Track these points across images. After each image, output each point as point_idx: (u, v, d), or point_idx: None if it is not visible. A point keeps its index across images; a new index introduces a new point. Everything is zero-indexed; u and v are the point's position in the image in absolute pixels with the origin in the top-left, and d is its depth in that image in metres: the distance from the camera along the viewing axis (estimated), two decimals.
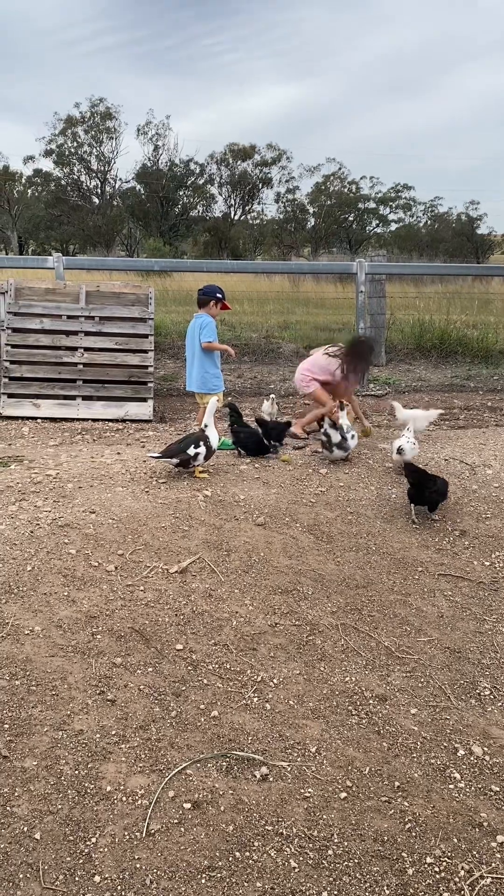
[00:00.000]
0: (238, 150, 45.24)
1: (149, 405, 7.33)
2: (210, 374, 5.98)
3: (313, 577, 3.99)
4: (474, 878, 2.31)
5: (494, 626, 3.69)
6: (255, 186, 46.09)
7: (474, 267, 19.34)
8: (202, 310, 6.01)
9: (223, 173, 45.66)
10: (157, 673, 3.15)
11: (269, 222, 47.58)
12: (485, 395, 9.07)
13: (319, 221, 47.03)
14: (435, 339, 11.75)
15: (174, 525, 4.31)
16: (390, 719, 3.00)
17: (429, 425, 6.19)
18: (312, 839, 2.41)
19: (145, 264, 11.47)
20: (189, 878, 2.25)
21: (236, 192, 46.06)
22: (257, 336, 12.06)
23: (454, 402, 8.59)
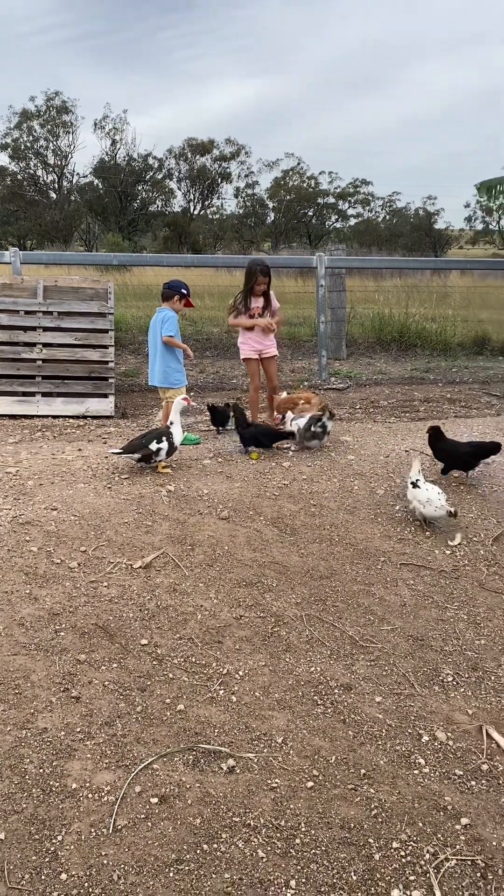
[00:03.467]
0: (196, 145, 45.02)
1: (110, 401, 7.26)
2: (172, 369, 5.95)
3: (277, 569, 4.00)
4: (439, 861, 2.34)
5: (456, 614, 3.75)
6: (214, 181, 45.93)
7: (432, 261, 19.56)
8: (165, 304, 5.97)
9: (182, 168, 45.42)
10: (122, 668, 3.13)
11: (228, 217, 47.47)
12: (444, 387, 9.18)
13: (279, 216, 47.09)
14: (395, 333, 11.86)
15: (137, 520, 4.28)
16: (355, 708, 3.02)
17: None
18: (280, 829, 2.42)
19: (104, 258, 11.32)
20: (156, 872, 2.24)
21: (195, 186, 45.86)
22: (219, 331, 12.03)
23: (414, 394, 8.68)
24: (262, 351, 6.39)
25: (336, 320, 10.59)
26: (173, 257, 12.15)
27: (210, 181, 45.69)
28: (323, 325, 9.42)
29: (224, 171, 46.10)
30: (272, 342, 6.45)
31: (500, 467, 5.57)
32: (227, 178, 46.32)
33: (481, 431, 6.62)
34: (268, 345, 6.41)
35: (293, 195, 47.25)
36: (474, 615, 3.74)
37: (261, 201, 47.90)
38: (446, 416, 7.53)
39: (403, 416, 7.53)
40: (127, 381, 8.86)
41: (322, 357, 9.42)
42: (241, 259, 11.09)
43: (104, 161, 42.50)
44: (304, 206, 48.19)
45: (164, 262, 10.77)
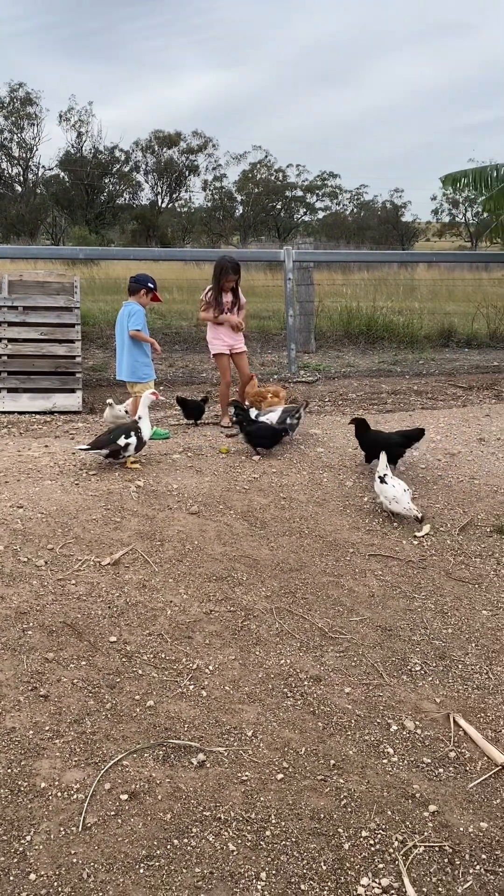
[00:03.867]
0: (163, 138, 44.73)
1: (77, 396, 7.20)
2: (140, 363, 5.91)
3: (247, 562, 4.01)
4: (408, 848, 2.37)
5: (423, 603, 3.78)
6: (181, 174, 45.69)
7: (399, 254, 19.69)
8: (132, 298, 5.93)
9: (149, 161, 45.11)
10: (91, 666, 3.11)
11: (197, 210, 47.29)
12: (411, 380, 9.25)
13: (247, 209, 47.01)
14: (362, 326, 11.92)
15: (106, 517, 4.25)
16: (325, 699, 3.04)
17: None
18: (250, 821, 2.43)
19: (70, 252, 11.23)
20: (127, 868, 2.23)
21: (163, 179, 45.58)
22: (188, 325, 11.98)
23: (382, 386, 8.74)
24: (232, 346, 6.39)
25: (304, 314, 10.61)
26: (140, 251, 12.07)
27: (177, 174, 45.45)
28: (291, 319, 9.43)
29: (192, 164, 45.90)
30: (241, 337, 6.45)
31: (464, 458, 5.64)
32: (195, 170, 46.14)
33: (447, 423, 6.69)
34: (238, 340, 6.42)
35: (261, 188, 47.20)
36: (441, 604, 3.78)
37: (229, 194, 47.78)
38: (413, 407, 7.59)
39: (371, 408, 7.57)
40: (95, 376, 8.79)
41: (291, 350, 9.44)
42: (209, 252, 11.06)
43: (70, 153, 42.03)
44: (273, 199, 48.17)
45: (132, 255, 10.69)
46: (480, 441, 6.09)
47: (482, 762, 2.77)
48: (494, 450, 5.87)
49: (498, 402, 7.93)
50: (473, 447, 5.92)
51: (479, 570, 4.12)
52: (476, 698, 3.12)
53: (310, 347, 10.85)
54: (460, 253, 24.31)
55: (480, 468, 5.43)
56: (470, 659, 3.37)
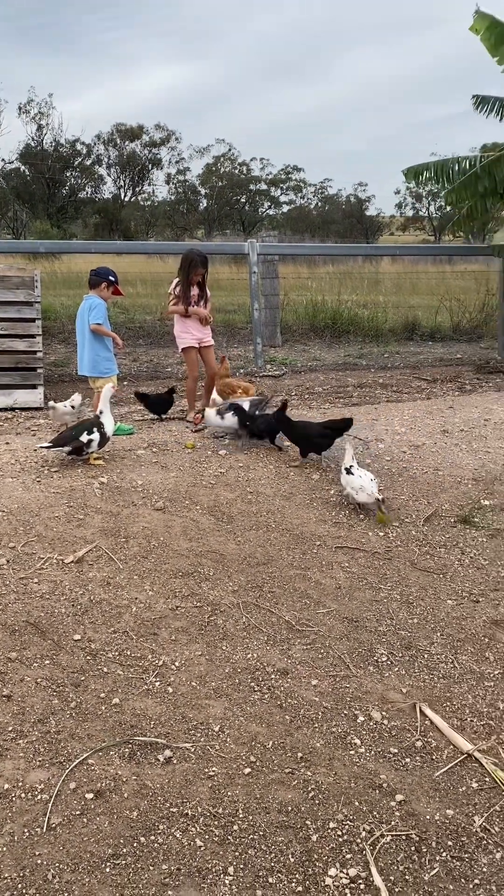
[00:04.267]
0: (125, 131, 44.29)
1: (39, 392, 7.09)
2: (102, 357, 5.84)
3: (214, 557, 3.99)
4: (375, 838, 2.38)
5: (389, 594, 3.81)
6: (144, 167, 45.31)
7: (363, 247, 19.77)
8: (93, 291, 5.85)
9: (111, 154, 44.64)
10: (55, 665, 3.07)
11: (160, 204, 46.97)
12: (376, 373, 9.31)
13: (211, 203, 46.82)
14: (328, 319, 11.96)
15: (69, 514, 4.20)
16: (292, 692, 3.04)
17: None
18: (218, 816, 2.42)
19: (30, 246, 11.03)
20: (93, 868, 2.21)
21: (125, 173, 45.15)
22: (152, 318, 11.90)
23: (348, 380, 8.78)
24: (201, 340, 6.35)
25: (270, 307, 10.61)
26: (102, 244, 11.95)
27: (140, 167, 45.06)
28: (257, 313, 9.41)
29: (154, 157, 45.54)
30: (209, 331, 6.42)
31: (429, 450, 5.69)
32: (158, 164, 45.79)
33: (412, 415, 6.74)
34: (206, 333, 6.38)
35: (225, 181, 47.05)
36: (407, 595, 3.81)
37: (193, 188, 47.56)
38: (379, 400, 7.63)
39: (338, 401, 7.60)
40: (56, 371, 8.68)
41: (257, 344, 9.43)
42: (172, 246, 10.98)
43: (30, 146, 41.37)
44: (237, 192, 48.06)
45: (93, 248, 10.57)
46: (444, 433, 6.15)
47: (448, 751, 2.79)
48: (458, 441, 5.93)
49: (461, 394, 8.02)
50: (437, 439, 5.97)
51: (443, 560, 4.16)
52: (442, 687, 3.14)
53: (276, 341, 10.85)
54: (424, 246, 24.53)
55: (444, 459, 5.48)
56: (435, 648, 3.40)
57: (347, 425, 5.27)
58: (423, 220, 51.95)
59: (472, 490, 4.96)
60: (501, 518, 4.61)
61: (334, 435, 5.21)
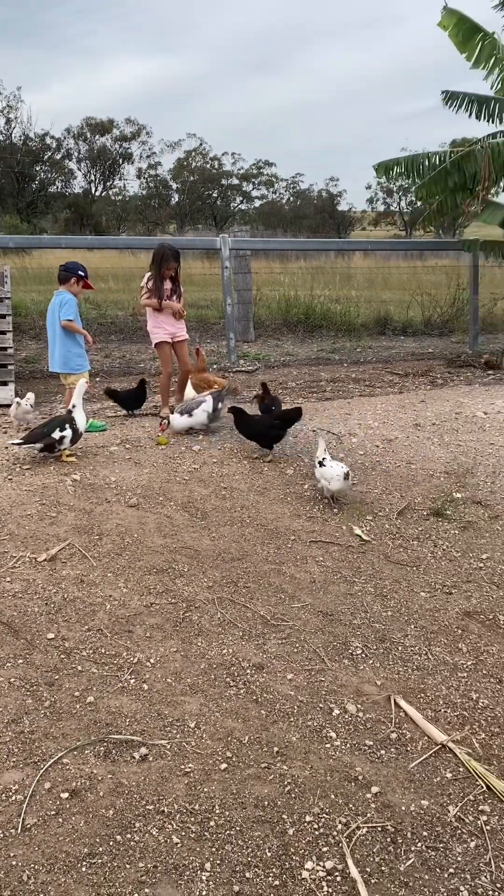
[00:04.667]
0: (96, 125, 43.88)
1: (10, 389, 7.01)
2: (73, 354, 5.79)
3: (189, 553, 3.98)
4: (351, 830, 2.39)
5: (364, 587, 3.82)
6: (115, 162, 44.94)
7: (335, 242, 19.82)
8: (63, 286, 5.79)
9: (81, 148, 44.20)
10: (28, 664, 3.04)
11: (132, 198, 46.63)
12: (349, 368, 9.34)
13: (183, 197, 46.60)
14: (301, 314, 11.98)
15: (41, 512, 4.16)
16: (268, 687, 3.04)
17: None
18: (194, 813, 2.41)
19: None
20: (68, 868, 2.19)
21: (96, 167, 44.75)
22: (124, 314, 11.82)
23: (321, 374, 8.80)
24: (174, 334, 6.32)
25: (243, 302, 10.59)
26: (73, 239, 11.83)
27: (111, 162, 44.69)
28: (230, 308, 9.39)
29: (125, 152, 45.19)
30: (183, 325, 6.39)
31: (401, 444, 5.73)
32: (129, 158, 45.45)
33: (384, 409, 6.78)
34: (179, 328, 6.35)
35: (196, 176, 46.84)
36: (381, 588, 3.83)
37: (164, 182, 47.28)
38: (351, 395, 7.67)
39: (311, 396, 7.62)
40: (28, 368, 8.59)
41: (230, 339, 9.41)
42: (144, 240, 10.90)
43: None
44: (209, 187, 47.87)
45: (63, 243, 10.46)
46: (416, 427, 6.19)
47: (423, 742, 2.81)
48: (430, 435, 5.98)
49: (433, 388, 8.08)
50: (410, 433, 6.02)
51: (416, 553, 4.19)
52: (416, 679, 3.17)
53: (249, 336, 10.84)
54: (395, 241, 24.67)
55: (417, 453, 5.52)
56: (409, 641, 3.43)
57: (297, 415, 5.29)
58: (395, 215, 52.19)
59: (445, 483, 5.01)
60: (473, 511, 4.66)
61: (285, 426, 5.23)
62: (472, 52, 9.20)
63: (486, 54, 9.15)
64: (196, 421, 5.62)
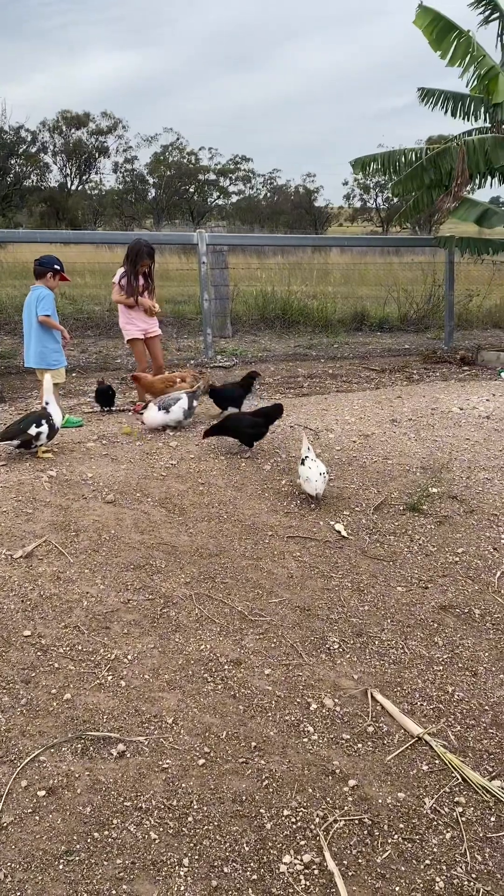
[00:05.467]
0: (71, 118, 43.48)
1: None
2: (49, 349, 5.74)
3: (166, 549, 3.97)
4: (328, 824, 2.41)
5: (341, 582, 3.84)
6: (91, 156, 44.58)
7: (311, 238, 19.85)
8: (39, 281, 5.75)
9: (57, 142, 43.77)
10: (4, 662, 3.01)
11: (108, 193, 46.30)
12: (326, 363, 9.37)
13: (160, 192, 46.36)
14: (278, 310, 11.99)
15: (17, 508, 4.12)
16: (245, 682, 3.05)
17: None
18: (172, 809, 2.41)
19: None
20: (46, 865, 2.18)
21: (72, 161, 44.36)
22: (100, 309, 11.75)
23: (298, 370, 8.82)
24: (146, 330, 6.29)
25: (220, 298, 10.57)
26: (49, 233, 11.72)
27: (87, 155, 44.33)
28: (207, 303, 9.38)
29: (101, 146, 44.85)
30: (155, 321, 6.37)
31: (378, 439, 5.76)
32: (105, 152, 45.12)
33: (361, 405, 6.81)
34: (152, 324, 6.33)
35: (173, 171, 46.61)
36: (358, 582, 3.85)
37: (141, 177, 47.01)
38: (328, 390, 7.69)
39: (288, 392, 7.63)
40: (3, 364, 8.51)
41: (207, 335, 9.39)
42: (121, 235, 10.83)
43: None
44: (186, 182, 47.67)
45: (38, 238, 10.37)
46: (393, 422, 6.23)
47: (399, 735, 2.84)
48: (406, 430, 6.01)
49: (409, 384, 8.13)
50: (386, 428, 6.05)
51: (393, 548, 4.22)
52: (392, 673, 3.19)
53: (226, 332, 10.83)
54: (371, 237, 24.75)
55: (393, 448, 5.55)
56: (386, 635, 3.45)
57: (278, 412, 5.30)
58: (371, 211, 52.37)
59: (421, 478, 5.04)
60: (449, 505, 4.70)
61: (267, 422, 5.24)
62: (446, 50, 9.24)
63: (461, 52, 9.20)
64: (172, 418, 5.60)
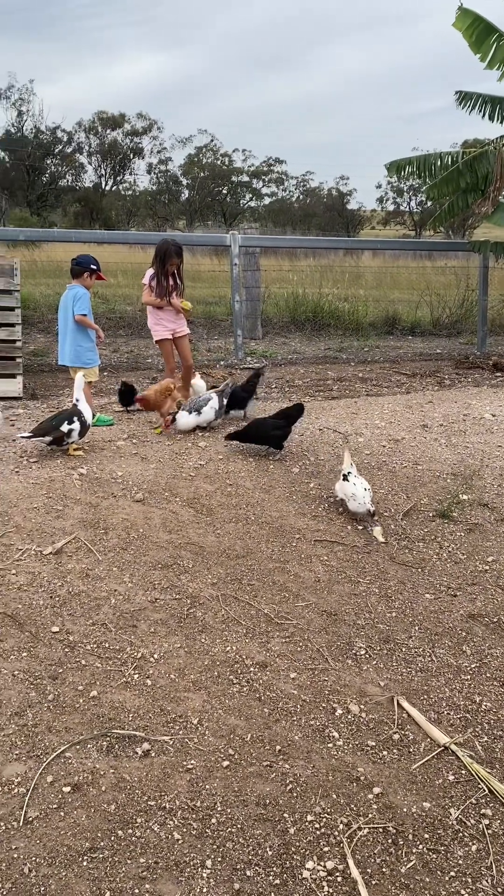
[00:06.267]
0: (107, 119, 43.94)
1: (18, 381, 7.02)
2: (84, 348, 5.79)
3: (193, 550, 3.97)
4: (352, 831, 2.39)
5: (368, 588, 3.82)
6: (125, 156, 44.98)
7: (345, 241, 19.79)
8: (76, 280, 5.80)
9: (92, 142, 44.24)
10: (32, 657, 3.04)
11: (142, 193, 46.66)
12: (356, 367, 9.32)
13: (193, 193, 46.60)
14: (309, 313, 11.95)
15: (47, 505, 4.16)
16: (271, 685, 3.04)
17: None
18: (195, 810, 2.41)
19: (10, 234, 10.92)
20: (70, 861, 2.19)
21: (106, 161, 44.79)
22: (132, 309, 11.82)
23: (328, 373, 8.78)
24: (175, 330, 6.31)
25: (251, 299, 10.58)
26: (83, 233, 11.82)
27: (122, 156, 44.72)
28: (238, 305, 9.38)
29: (136, 147, 45.24)
30: (184, 321, 6.38)
31: (408, 444, 5.71)
32: (140, 153, 45.50)
33: (391, 410, 6.77)
34: (181, 324, 6.34)
35: (207, 172, 46.82)
36: (386, 589, 3.82)
37: (174, 178, 47.30)
38: (358, 394, 7.65)
39: (318, 394, 7.61)
40: (36, 361, 8.60)
41: (238, 336, 9.40)
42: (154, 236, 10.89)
43: (10, 133, 40.89)
44: (219, 183, 47.85)
45: (73, 237, 10.46)
46: (423, 427, 6.18)
47: (425, 743, 2.81)
48: (437, 436, 5.96)
49: (441, 388, 8.06)
50: (417, 433, 6.00)
51: (422, 555, 4.18)
52: (419, 681, 3.16)
53: (256, 334, 10.83)
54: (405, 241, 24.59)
55: (423, 454, 5.51)
56: (413, 642, 3.42)
57: (299, 412, 5.29)
58: (404, 214, 52.10)
59: (451, 485, 4.99)
60: (479, 513, 4.65)
61: (289, 423, 5.23)
62: (486, 52, 9.15)
63: (501, 55, 9.10)
64: (204, 419, 5.62)
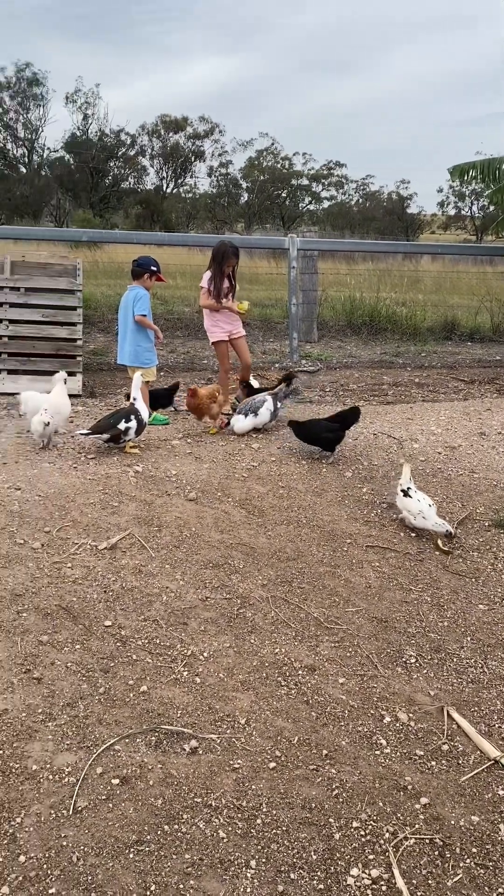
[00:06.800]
0: (170, 122, 44.45)
1: (78, 380, 7.16)
2: (143, 348, 5.88)
3: (244, 550, 3.99)
4: (398, 840, 2.36)
5: (420, 596, 3.77)
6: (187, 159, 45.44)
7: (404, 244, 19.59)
8: (136, 282, 5.89)
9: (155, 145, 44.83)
10: (85, 650, 3.10)
11: (202, 196, 47.05)
12: (412, 372, 9.22)
13: (253, 197, 46.77)
14: (365, 317, 11.86)
15: (103, 501, 4.23)
16: (319, 689, 3.03)
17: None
18: (241, 809, 2.42)
19: (73, 234, 11.15)
20: (117, 853, 2.23)
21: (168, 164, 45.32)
22: (190, 310, 11.92)
23: (383, 378, 8.71)
24: (231, 332, 6.35)
25: (308, 302, 10.55)
26: (144, 235, 11.99)
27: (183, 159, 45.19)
28: (294, 308, 9.38)
29: (198, 150, 45.64)
30: (239, 322, 6.41)
31: (464, 452, 5.62)
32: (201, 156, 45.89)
33: (448, 416, 6.67)
34: (236, 325, 6.37)
35: (267, 175, 46.94)
36: (438, 597, 3.77)
37: (234, 181, 47.56)
38: (414, 400, 7.56)
39: (372, 399, 7.55)
40: (95, 360, 8.75)
41: (293, 339, 9.40)
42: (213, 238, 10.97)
43: (76, 136, 41.75)
44: (278, 186, 47.91)
45: (135, 239, 10.62)
46: (481, 435, 6.07)
47: (475, 756, 2.76)
48: (495, 444, 5.85)
49: (499, 396, 7.90)
50: (474, 441, 5.90)
51: (476, 564, 4.11)
52: (470, 692, 3.11)
53: (312, 337, 10.80)
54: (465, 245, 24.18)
55: (480, 462, 5.41)
56: (465, 653, 3.37)
57: (355, 415, 5.25)
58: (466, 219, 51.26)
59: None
60: None
61: (343, 427, 5.20)
62: None
63: None
64: (260, 421, 5.65)
